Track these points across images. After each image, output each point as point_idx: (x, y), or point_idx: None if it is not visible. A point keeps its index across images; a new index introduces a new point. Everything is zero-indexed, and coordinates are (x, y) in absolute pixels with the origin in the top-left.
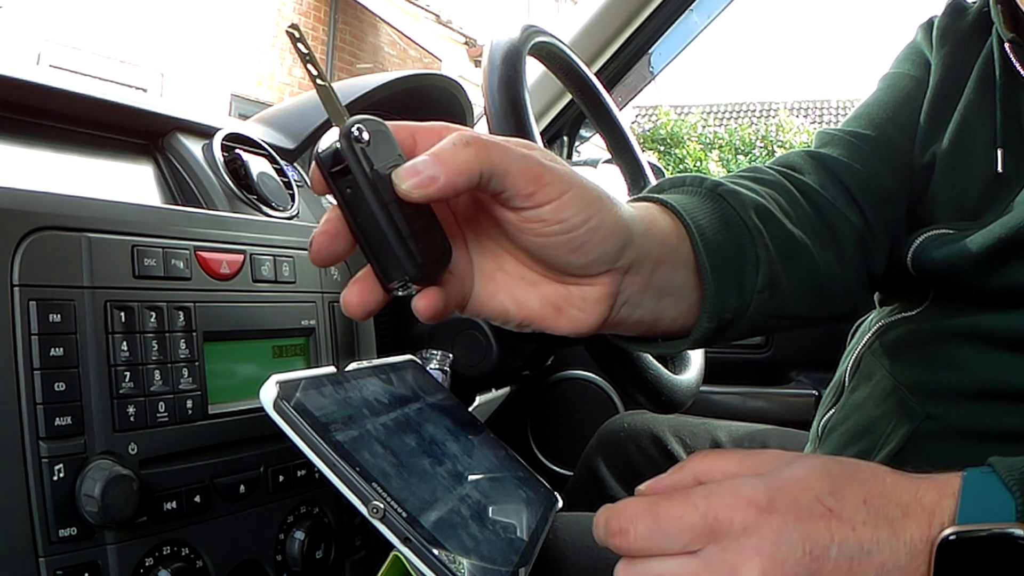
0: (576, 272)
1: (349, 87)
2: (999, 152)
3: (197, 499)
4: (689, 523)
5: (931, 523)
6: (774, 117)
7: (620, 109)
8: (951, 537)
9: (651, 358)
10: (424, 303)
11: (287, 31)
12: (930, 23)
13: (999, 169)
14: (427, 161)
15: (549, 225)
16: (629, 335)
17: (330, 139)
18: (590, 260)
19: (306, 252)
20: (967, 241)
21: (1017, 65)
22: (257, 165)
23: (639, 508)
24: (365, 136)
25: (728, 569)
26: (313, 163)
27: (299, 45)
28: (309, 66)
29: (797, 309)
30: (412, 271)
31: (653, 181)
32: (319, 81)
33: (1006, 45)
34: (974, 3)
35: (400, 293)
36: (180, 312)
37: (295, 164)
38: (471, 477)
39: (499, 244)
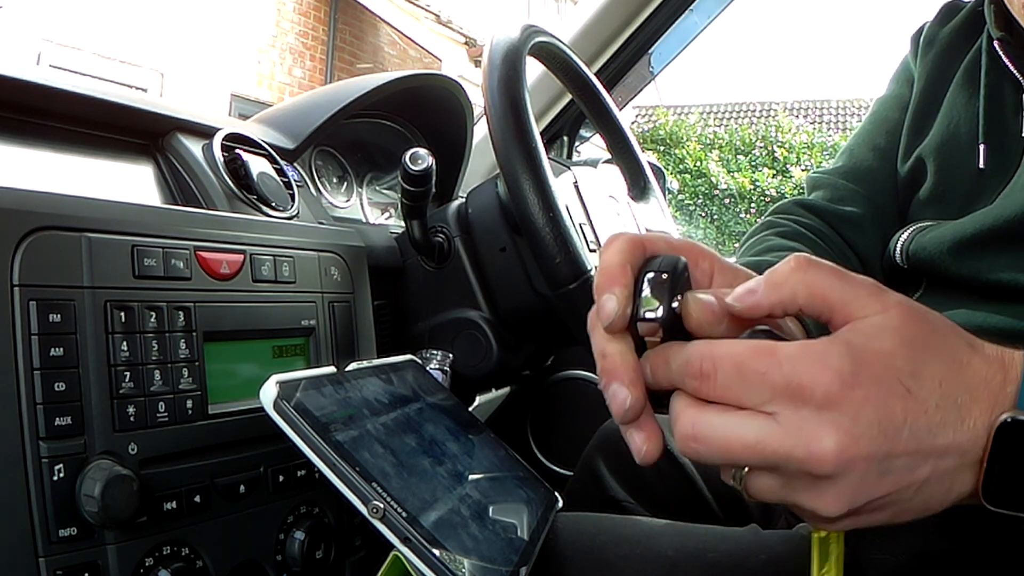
0: None
1: (349, 87)
2: (982, 148)
3: (197, 499)
4: (771, 382)
5: (993, 408)
6: (774, 117)
7: (620, 109)
8: (1007, 421)
9: None
10: None
11: None
12: (919, 32)
13: (981, 165)
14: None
15: None
16: None
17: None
18: None
19: (305, 252)
20: (952, 227)
21: (1007, 61)
22: (257, 165)
23: (724, 354)
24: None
25: (805, 439)
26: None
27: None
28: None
29: None
30: None
31: (653, 181)
32: None
33: (995, 43)
34: (967, 3)
35: None
36: (180, 312)
37: (295, 164)
38: (471, 477)
39: None
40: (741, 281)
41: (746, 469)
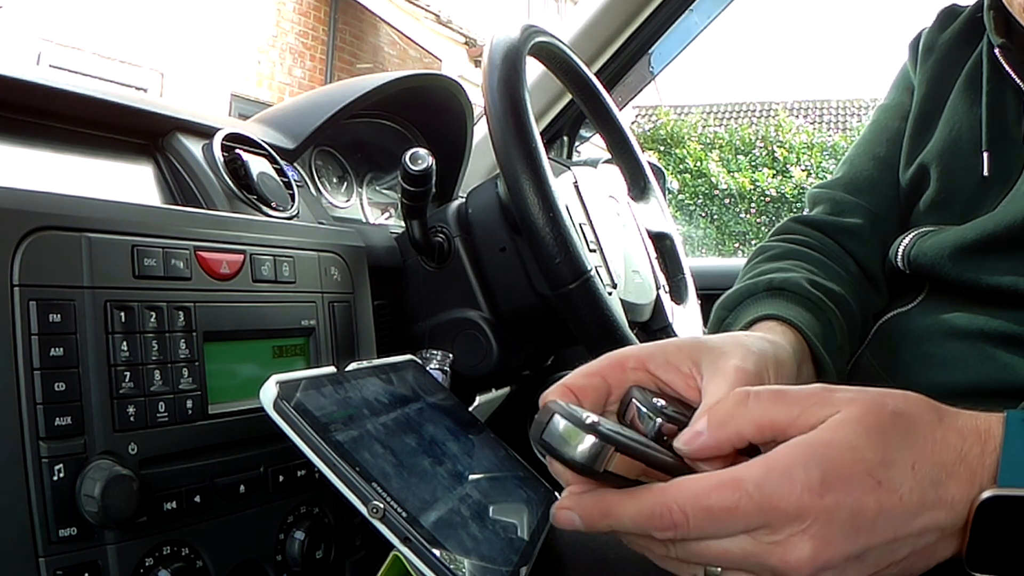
0: None
1: (349, 87)
2: (985, 156)
3: (197, 499)
4: (744, 513)
5: (972, 483)
6: (774, 117)
7: (620, 109)
8: (988, 500)
9: None
10: None
11: None
12: (917, 39)
13: (985, 173)
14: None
15: None
16: None
17: (583, 445)
18: None
19: (305, 252)
20: (953, 233)
21: (1008, 68)
22: (257, 165)
23: (689, 500)
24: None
25: (780, 551)
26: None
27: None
28: None
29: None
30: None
31: (653, 181)
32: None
33: (996, 50)
34: (966, 8)
35: None
36: (180, 312)
37: (295, 164)
38: (471, 477)
39: None
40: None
41: (720, 568)
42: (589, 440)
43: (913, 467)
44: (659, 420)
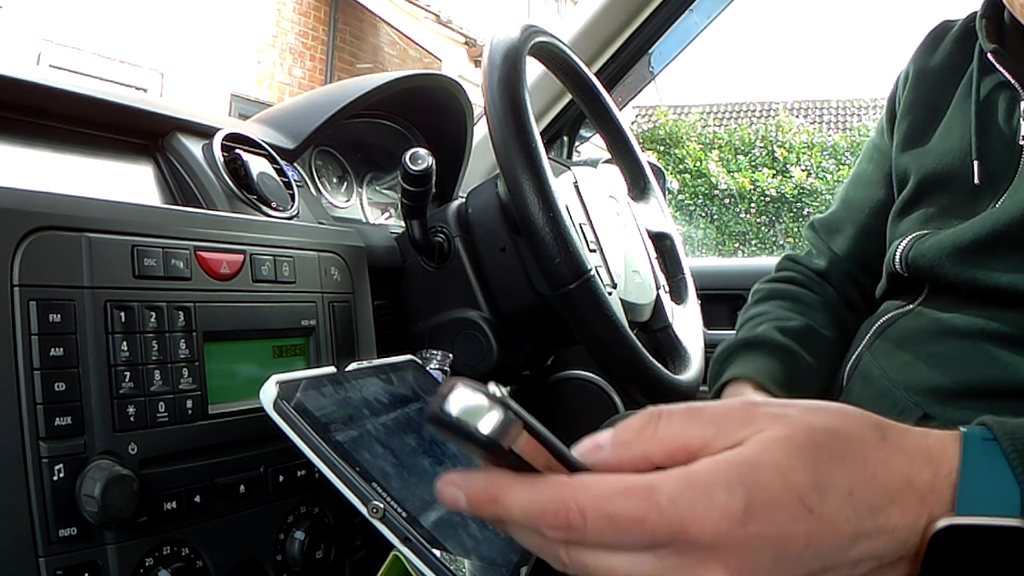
0: None
1: (349, 87)
2: (975, 164)
3: (197, 499)
4: (651, 529)
5: (920, 510)
6: (774, 117)
7: (620, 109)
8: (944, 529)
9: (651, 357)
10: None
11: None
12: (904, 71)
13: (975, 181)
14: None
15: None
16: None
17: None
18: None
19: (305, 252)
20: (952, 233)
21: (1001, 69)
22: (257, 165)
23: (591, 502)
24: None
25: None
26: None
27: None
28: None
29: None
30: None
31: (653, 181)
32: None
33: (989, 55)
34: (957, 21)
35: None
36: (180, 312)
37: (295, 164)
38: None
39: None
40: None
41: None
42: (496, 412)
43: (851, 493)
44: None
